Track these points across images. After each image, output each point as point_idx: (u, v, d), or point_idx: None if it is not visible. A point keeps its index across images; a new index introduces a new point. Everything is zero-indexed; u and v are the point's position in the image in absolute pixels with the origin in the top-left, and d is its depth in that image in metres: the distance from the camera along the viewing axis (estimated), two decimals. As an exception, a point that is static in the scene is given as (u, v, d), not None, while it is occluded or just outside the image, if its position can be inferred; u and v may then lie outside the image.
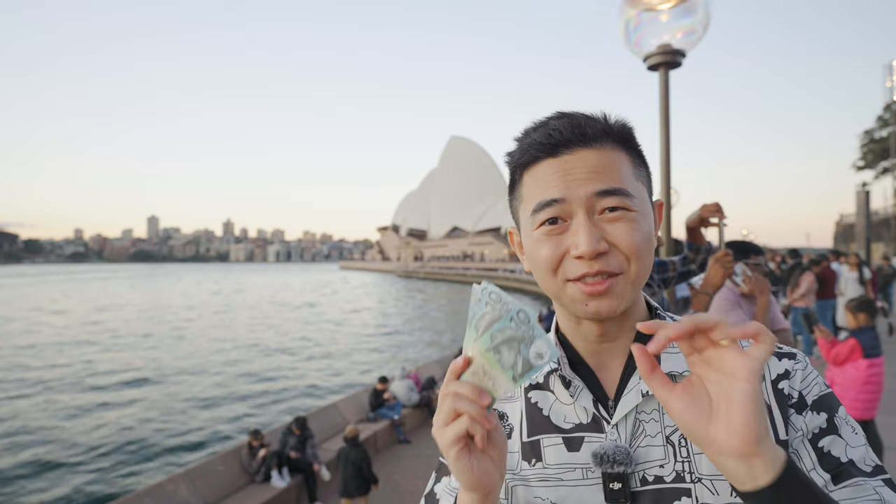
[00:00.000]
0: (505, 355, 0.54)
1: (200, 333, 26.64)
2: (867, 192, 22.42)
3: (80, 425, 12.05)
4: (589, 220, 0.62)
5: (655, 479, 0.62)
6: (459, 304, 43.11)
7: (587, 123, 0.64)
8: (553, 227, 0.64)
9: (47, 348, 22.26)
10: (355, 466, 5.99)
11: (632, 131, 0.68)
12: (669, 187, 3.91)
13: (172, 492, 6.12)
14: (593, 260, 0.62)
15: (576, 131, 0.64)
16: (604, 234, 0.63)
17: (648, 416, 0.65)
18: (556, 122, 0.66)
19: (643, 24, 3.49)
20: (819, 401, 0.63)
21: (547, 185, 0.64)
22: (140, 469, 9.56)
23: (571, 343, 0.72)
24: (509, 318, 0.53)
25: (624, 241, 0.62)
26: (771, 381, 0.64)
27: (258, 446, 7.01)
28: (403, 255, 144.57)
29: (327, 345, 23.08)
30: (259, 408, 13.34)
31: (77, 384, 15.94)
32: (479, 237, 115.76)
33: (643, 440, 0.64)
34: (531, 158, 0.66)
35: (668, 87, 3.46)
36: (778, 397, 0.63)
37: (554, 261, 0.64)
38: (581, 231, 0.62)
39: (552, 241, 0.64)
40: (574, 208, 0.63)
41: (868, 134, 34.47)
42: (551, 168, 0.65)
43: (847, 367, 4.03)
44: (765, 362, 0.48)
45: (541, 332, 0.53)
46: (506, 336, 0.53)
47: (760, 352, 0.48)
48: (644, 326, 0.51)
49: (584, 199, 0.63)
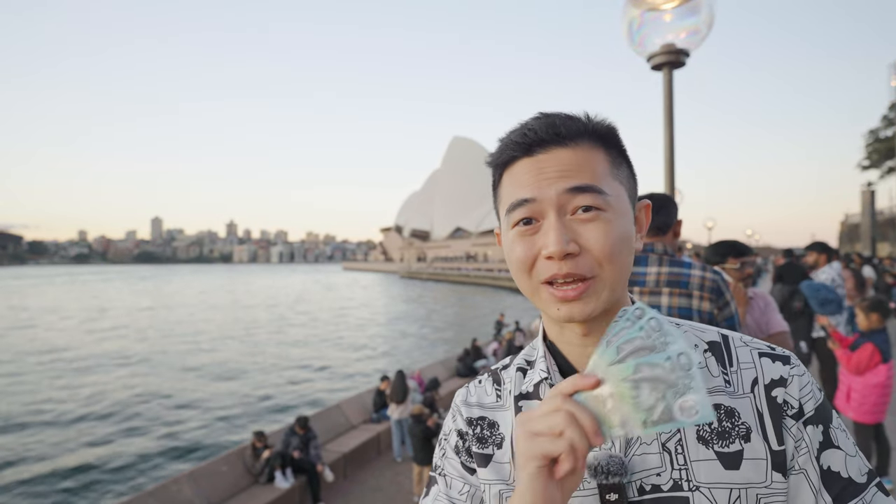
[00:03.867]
0: (645, 394, 0.47)
1: (204, 334, 26.70)
2: (872, 192, 22.31)
3: (83, 426, 12.10)
4: (560, 221, 0.61)
5: (653, 489, 0.61)
6: (462, 304, 43.10)
7: (563, 123, 0.63)
8: (527, 227, 0.63)
9: (48, 348, 22.36)
10: (419, 439, 6.86)
11: (613, 130, 0.66)
12: (674, 187, 3.90)
13: (176, 492, 6.13)
14: (562, 261, 0.60)
15: (550, 130, 0.63)
16: (576, 236, 0.61)
17: None
18: (534, 121, 0.65)
19: (647, 23, 3.48)
20: (818, 411, 0.62)
21: (520, 184, 0.64)
22: (144, 469, 9.58)
23: (559, 348, 0.70)
24: (666, 357, 0.46)
25: (597, 244, 0.60)
26: (764, 385, 0.63)
27: (262, 447, 7.01)
28: (406, 256, 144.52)
29: (330, 345, 23.11)
30: (263, 409, 13.36)
31: (79, 384, 16.02)
32: (483, 238, 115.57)
33: (638, 448, 0.63)
34: (508, 158, 0.66)
35: (671, 87, 3.45)
36: (771, 405, 0.62)
37: (527, 261, 0.63)
38: (551, 231, 0.61)
39: (525, 241, 0.63)
40: (545, 208, 0.62)
41: (873, 133, 34.27)
42: (525, 167, 0.64)
43: (867, 374, 3.91)
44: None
45: (700, 387, 0.45)
46: (654, 374, 0.46)
47: None
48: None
49: (556, 198, 0.61)
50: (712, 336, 0.68)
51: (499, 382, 0.77)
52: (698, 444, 0.61)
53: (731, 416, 0.62)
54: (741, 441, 0.61)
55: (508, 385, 0.75)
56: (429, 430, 6.89)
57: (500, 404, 0.75)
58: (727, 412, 0.62)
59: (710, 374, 0.64)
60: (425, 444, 6.76)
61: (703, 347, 0.67)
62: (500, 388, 0.76)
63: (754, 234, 59.48)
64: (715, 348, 0.67)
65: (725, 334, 0.68)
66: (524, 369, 0.75)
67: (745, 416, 0.62)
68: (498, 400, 0.75)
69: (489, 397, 0.76)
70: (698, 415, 0.45)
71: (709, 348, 0.67)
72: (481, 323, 28.14)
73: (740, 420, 0.61)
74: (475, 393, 0.78)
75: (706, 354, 0.66)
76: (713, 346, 0.67)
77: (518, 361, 0.77)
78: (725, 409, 0.62)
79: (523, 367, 0.75)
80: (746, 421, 0.61)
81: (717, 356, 0.66)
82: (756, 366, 0.64)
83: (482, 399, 0.77)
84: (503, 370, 0.78)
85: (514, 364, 0.77)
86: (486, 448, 0.72)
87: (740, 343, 0.67)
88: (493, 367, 0.82)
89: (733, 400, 0.63)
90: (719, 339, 0.68)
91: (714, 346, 0.67)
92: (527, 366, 0.75)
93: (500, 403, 0.75)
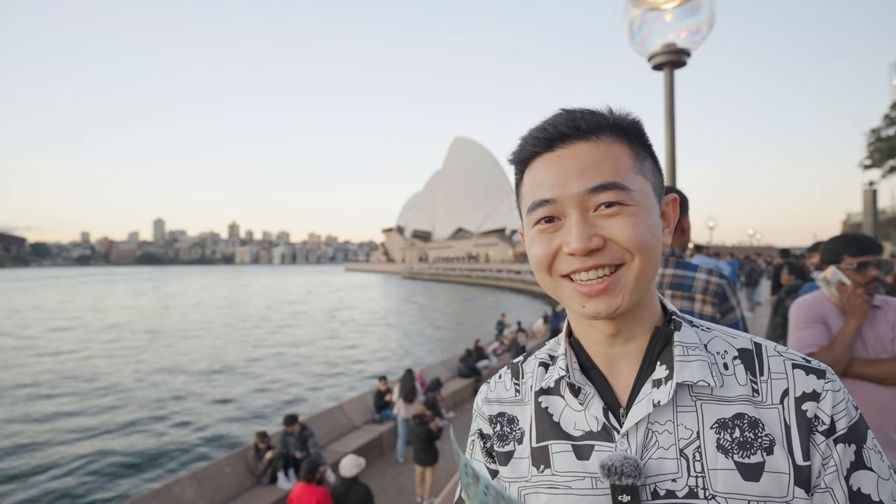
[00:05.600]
0: None
1: (207, 335, 26.75)
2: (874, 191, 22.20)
3: (83, 426, 12.12)
4: (582, 218, 0.61)
5: (667, 494, 0.60)
6: (464, 304, 43.09)
7: (583, 117, 0.63)
8: (548, 225, 0.63)
9: (49, 351, 22.42)
10: (420, 440, 6.82)
11: (637, 123, 0.65)
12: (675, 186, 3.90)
13: (179, 493, 6.15)
14: (586, 256, 0.60)
15: (570, 124, 0.63)
16: (599, 230, 0.60)
17: (662, 428, 0.62)
18: (554, 117, 0.65)
19: (647, 23, 3.48)
20: (851, 430, 0.59)
21: (541, 183, 0.64)
22: (147, 470, 9.60)
23: (584, 346, 0.70)
24: (482, 492, 0.49)
25: (623, 235, 0.60)
26: (795, 398, 0.60)
27: (265, 448, 7.03)
28: (408, 257, 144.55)
29: (332, 346, 23.12)
30: (265, 409, 13.37)
31: (82, 385, 16.05)
32: (484, 238, 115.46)
33: (655, 452, 0.61)
34: (529, 154, 0.66)
35: (673, 87, 3.45)
36: (800, 419, 0.59)
37: (547, 258, 0.63)
38: (573, 229, 0.60)
39: (545, 238, 0.63)
40: (567, 208, 0.62)
41: (875, 132, 34.13)
42: (546, 164, 0.64)
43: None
44: None
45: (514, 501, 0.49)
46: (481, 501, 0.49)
47: None
48: None
49: (577, 198, 0.61)
50: (744, 343, 0.66)
51: (518, 376, 0.77)
52: (717, 453, 0.60)
53: (755, 426, 0.60)
54: (763, 453, 0.59)
55: (529, 380, 0.75)
56: (431, 432, 6.90)
57: (518, 398, 0.75)
58: (751, 423, 0.60)
59: (736, 382, 0.63)
60: (427, 445, 6.76)
61: (734, 354, 0.65)
62: (520, 382, 0.76)
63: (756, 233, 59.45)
64: (745, 356, 0.65)
65: (759, 342, 0.66)
66: (546, 364, 0.74)
67: (771, 427, 0.60)
68: (517, 395, 0.75)
69: (508, 392, 0.76)
70: None
71: (738, 355, 0.65)
72: (483, 323, 28.13)
73: (764, 431, 0.60)
74: (495, 389, 0.78)
75: (735, 361, 0.64)
76: (744, 353, 0.65)
77: (541, 355, 0.76)
78: (749, 420, 0.60)
79: (546, 361, 0.75)
80: (771, 433, 0.59)
81: (747, 364, 0.64)
82: (788, 377, 0.62)
83: (501, 395, 0.77)
84: (524, 363, 0.78)
85: (536, 357, 0.77)
86: (507, 445, 0.73)
87: (774, 353, 0.64)
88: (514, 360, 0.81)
89: (759, 410, 0.61)
90: (751, 346, 0.66)
91: (745, 353, 0.65)
92: (549, 360, 0.74)
93: (518, 398, 0.75)
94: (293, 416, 7.44)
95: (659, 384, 0.63)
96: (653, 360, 0.65)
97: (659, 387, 0.63)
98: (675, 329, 0.66)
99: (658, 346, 0.65)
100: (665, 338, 0.66)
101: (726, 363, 0.64)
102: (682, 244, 2.06)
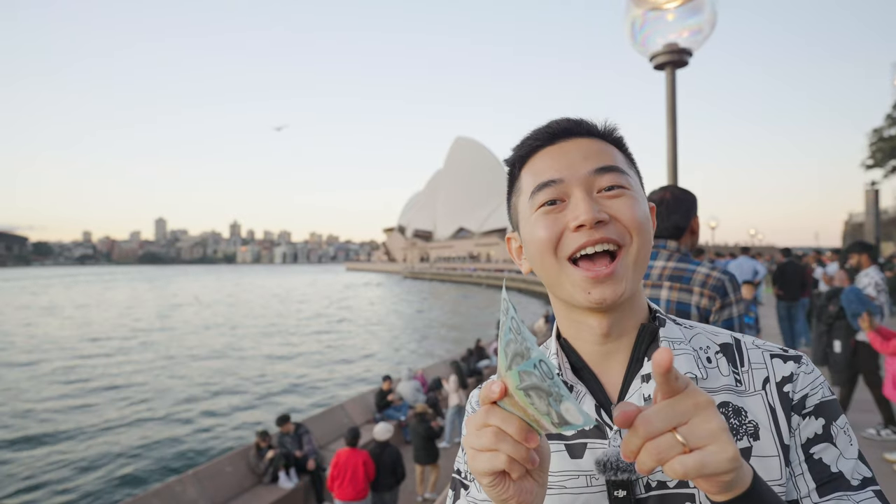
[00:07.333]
0: (536, 401, 0.47)
1: (208, 335, 26.77)
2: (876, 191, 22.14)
3: (87, 427, 12.14)
4: (588, 196, 0.63)
5: (659, 485, 0.61)
6: (465, 304, 43.06)
7: (583, 120, 0.69)
8: (552, 207, 0.65)
9: (51, 347, 22.46)
10: (421, 438, 6.83)
11: (622, 138, 0.71)
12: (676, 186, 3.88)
13: (181, 492, 6.16)
14: (593, 229, 0.61)
15: (572, 123, 0.68)
16: (604, 208, 0.63)
17: None
18: (555, 119, 0.70)
19: (649, 22, 3.47)
20: (820, 406, 0.62)
21: (545, 168, 0.66)
22: (148, 469, 9.61)
23: (574, 346, 0.70)
24: (532, 365, 0.46)
25: (625, 215, 0.63)
26: (776, 383, 0.64)
27: (266, 447, 7.03)
28: (409, 257, 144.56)
29: (334, 345, 23.14)
30: (266, 409, 13.38)
31: (84, 385, 16.08)
32: (486, 238, 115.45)
33: None
34: (530, 149, 0.69)
35: (674, 87, 3.45)
36: (783, 400, 0.63)
37: (553, 238, 0.64)
38: (581, 203, 0.62)
39: (550, 218, 0.64)
40: (572, 188, 0.64)
41: (877, 132, 34.05)
42: (548, 154, 0.67)
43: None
44: None
45: (567, 394, 0.46)
46: (532, 383, 0.46)
47: None
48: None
49: (583, 178, 0.64)
50: (725, 339, 0.69)
51: None
52: None
53: (739, 414, 0.62)
54: (749, 438, 0.61)
55: None
56: (432, 430, 6.91)
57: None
58: (735, 410, 0.63)
59: (720, 373, 0.65)
60: (427, 443, 6.78)
61: (715, 349, 0.68)
62: None
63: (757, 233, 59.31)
64: (727, 350, 0.68)
65: (738, 337, 0.69)
66: None
67: (755, 413, 0.62)
68: None
69: None
70: (581, 420, 0.45)
71: (720, 350, 0.68)
72: (484, 323, 28.14)
73: (748, 418, 0.62)
74: None
75: (717, 355, 0.67)
76: (725, 347, 0.68)
77: None
78: (733, 408, 0.63)
79: None
80: (755, 419, 0.62)
81: (729, 357, 0.67)
82: (767, 366, 0.65)
83: None
84: None
85: None
86: None
87: (752, 346, 0.68)
88: None
89: (742, 399, 0.63)
90: (732, 341, 0.69)
91: (726, 347, 0.68)
92: None
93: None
94: (285, 416, 7.46)
95: (648, 379, 0.64)
96: (641, 357, 0.67)
97: (648, 381, 0.64)
98: (661, 325, 0.68)
99: (645, 343, 0.67)
100: (651, 334, 0.67)
101: (709, 357, 0.67)
102: (691, 244, 2.04)
